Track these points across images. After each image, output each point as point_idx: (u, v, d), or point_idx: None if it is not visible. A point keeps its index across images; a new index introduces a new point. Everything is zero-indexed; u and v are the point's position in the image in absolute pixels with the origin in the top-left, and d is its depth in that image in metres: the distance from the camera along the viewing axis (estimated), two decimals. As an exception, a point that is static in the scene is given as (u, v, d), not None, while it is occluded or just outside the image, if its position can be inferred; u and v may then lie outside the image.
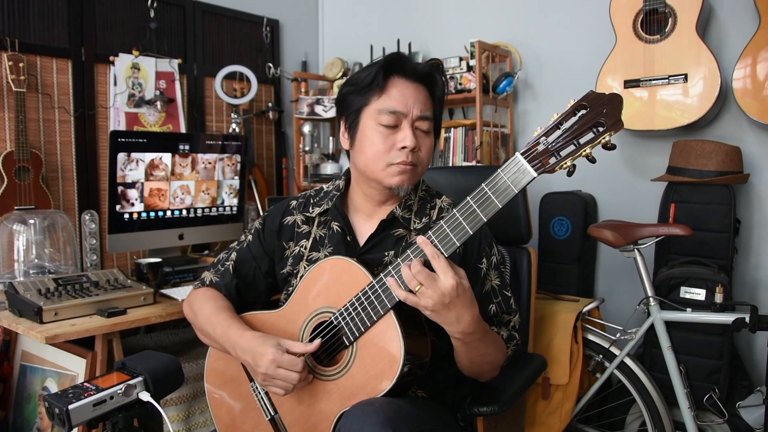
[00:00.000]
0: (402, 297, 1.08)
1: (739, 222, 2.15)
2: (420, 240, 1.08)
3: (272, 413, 1.29)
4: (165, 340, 2.30)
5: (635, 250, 2.02)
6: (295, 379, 1.14)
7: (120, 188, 2.12)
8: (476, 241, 1.29)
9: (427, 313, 1.10)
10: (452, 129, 2.68)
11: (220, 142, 2.41)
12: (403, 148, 1.22)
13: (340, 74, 3.06)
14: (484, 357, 1.22)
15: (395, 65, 1.25)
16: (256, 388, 1.32)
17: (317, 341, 1.19)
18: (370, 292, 1.15)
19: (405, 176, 1.25)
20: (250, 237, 1.45)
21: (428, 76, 1.28)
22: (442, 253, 1.07)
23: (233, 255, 1.44)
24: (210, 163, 2.38)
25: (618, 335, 2.08)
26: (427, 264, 1.08)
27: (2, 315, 1.79)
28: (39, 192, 2.29)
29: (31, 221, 2.14)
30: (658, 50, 2.15)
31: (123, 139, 2.11)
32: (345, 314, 1.18)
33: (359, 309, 1.16)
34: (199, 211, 2.40)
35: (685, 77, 2.11)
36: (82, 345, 1.81)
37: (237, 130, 2.86)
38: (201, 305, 1.38)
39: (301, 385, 1.16)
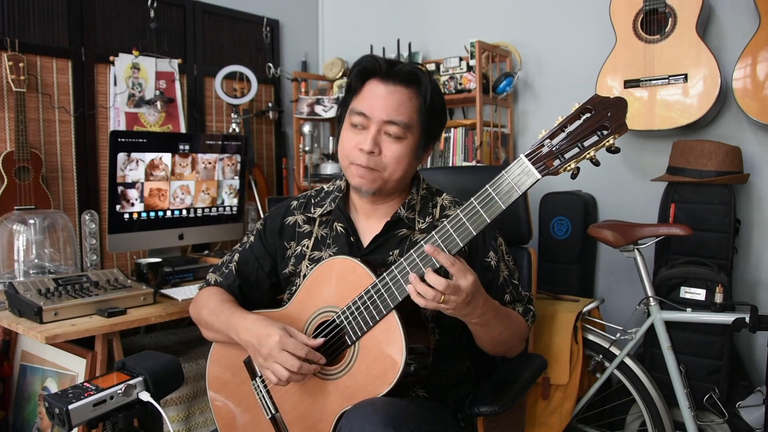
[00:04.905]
0: (422, 305, 1.08)
1: (739, 222, 2.15)
2: (429, 249, 1.08)
3: (273, 412, 1.29)
4: (165, 340, 2.30)
5: (635, 250, 2.02)
6: (296, 365, 1.13)
7: (120, 188, 2.12)
8: (480, 235, 1.28)
9: (449, 313, 1.12)
10: (452, 129, 2.68)
11: (220, 142, 2.41)
12: (361, 150, 1.23)
13: (340, 74, 3.06)
14: (504, 333, 1.25)
15: (370, 68, 1.26)
16: (258, 386, 1.32)
17: (320, 338, 1.19)
18: (372, 292, 1.15)
19: (363, 179, 1.25)
20: (252, 238, 1.46)
21: (408, 77, 1.25)
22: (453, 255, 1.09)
23: (236, 256, 1.45)
24: (210, 163, 2.38)
25: (618, 335, 2.08)
26: (437, 270, 1.09)
27: (2, 315, 1.79)
28: (39, 192, 2.28)
29: (31, 221, 2.14)
30: (658, 50, 2.15)
31: (123, 139, 2.11)
32: (348, 313, 1.18)
33: (362, 308, 1.16)
34: (199, 211, 2.40)
35: (685, 77, 2.11)
36: (82, 345, 1.81)
37: (237, 130, 2.86)
38: (206, 300, 1.39)
39: (302, 373, 1.15)
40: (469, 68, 2.60)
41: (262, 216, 2.15)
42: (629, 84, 2.21)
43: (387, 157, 1.24)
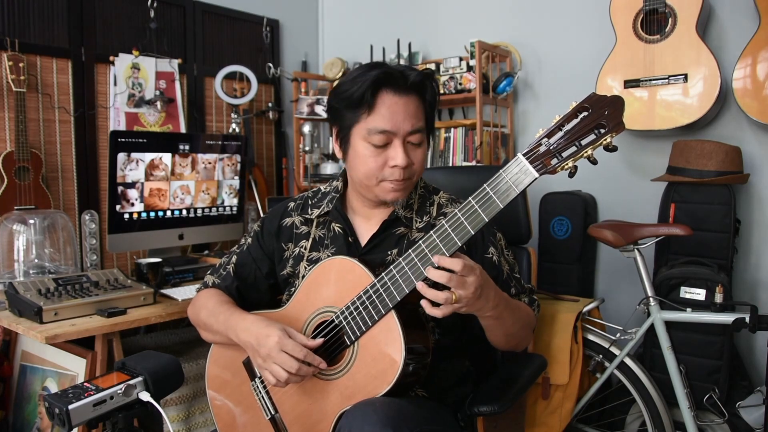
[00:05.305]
0: (440, 314, 1.07)
1: (739, 222, 2.15)
2: (436, 260, 1.07)
3: (272, 412, 1.29)
4: (165, 340, 2.30)
5: (635, 250, 2.02)
6: (295, 366, 1.13)
7: (120, 188, 2.12)
8: (479, 233, 1.28)
9: (464, 311, 1.10)
10: (452, 129, 2.68)
11: (220, 142, 2.41)
12: (395, 166, 1.23)
13: (340, 74, 3.06)
14: (516, 324, 1.25)
15: (384, 81, 1.22)
16: (257, 387, 1.32)
17: (319, 339, 1.19)
18: (371, 292, 1.15)
19: (399, 192, 1.26)
20: (249, 240, 1.46)
21: (419, 85, 1.25)
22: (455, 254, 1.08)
23: (234, 258, 1.45)
24: (210, 163, 2.38)
25: (618, 335, 2.08)
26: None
27: (2, 315, 1.79)
28: (39, 192, 2.28)
29: (31, 221, 2.14)
30: (658, 50, 2.15)
31: (123, 139, 2.11)
32: (347, 313, 1.18)
33: (360, 309, 1.16)
34: (199, 211, 2.40)
35: (685, 77, 2.11)
36: (82, 345, 1.81)
37: (237, 130, 2.86)
38: (204, 302, 1.39)
39: (301, 374, 1.15)
40: (469, 68, 2.60)
41: (261, 216, 2.15)
42: (629, 84, 2.21)
43: (415, 164, 1.26)
